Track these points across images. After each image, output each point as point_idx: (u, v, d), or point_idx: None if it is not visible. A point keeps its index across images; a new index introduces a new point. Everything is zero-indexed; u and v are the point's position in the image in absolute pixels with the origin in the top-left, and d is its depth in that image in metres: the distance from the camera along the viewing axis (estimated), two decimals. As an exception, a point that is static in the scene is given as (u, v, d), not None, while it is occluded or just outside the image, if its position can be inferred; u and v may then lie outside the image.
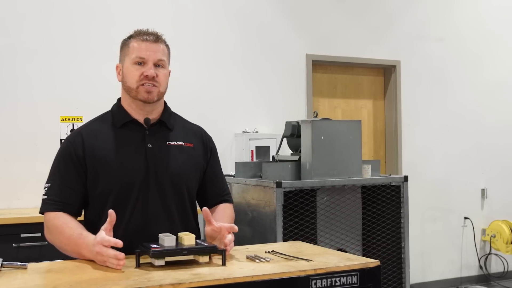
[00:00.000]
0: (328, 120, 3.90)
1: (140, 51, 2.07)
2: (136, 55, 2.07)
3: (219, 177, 2.29)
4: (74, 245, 1.90)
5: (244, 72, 5.03)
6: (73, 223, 1.98)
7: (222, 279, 1.60)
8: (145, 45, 2.07)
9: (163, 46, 2.13)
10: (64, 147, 2.10)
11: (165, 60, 2.12)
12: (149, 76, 2.05)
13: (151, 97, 2.07)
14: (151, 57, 2.07)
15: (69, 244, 1.92)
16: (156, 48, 2.09)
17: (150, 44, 2.08)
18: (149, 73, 2.05)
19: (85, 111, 4.34)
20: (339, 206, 3.78)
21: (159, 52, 2.09)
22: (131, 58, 2.08)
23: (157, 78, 2.07)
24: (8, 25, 4.23)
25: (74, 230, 1.93)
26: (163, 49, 2.12)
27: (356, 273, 1.75)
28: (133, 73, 2.07)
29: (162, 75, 2.09)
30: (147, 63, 2.07)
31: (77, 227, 1.95)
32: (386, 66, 5.73)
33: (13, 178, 4.18)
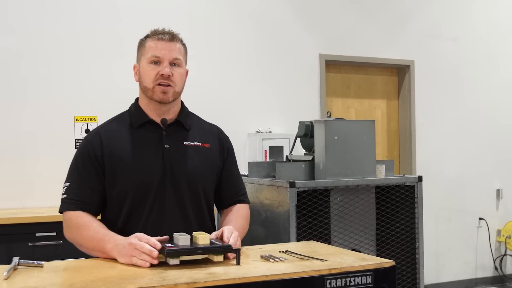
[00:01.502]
0: (341, 120, 3.89)
1: (155, 50, 2.07)
2: (152, 54, 2.07)
3: (236, 177, 2.29)
4: (97, 241, 1.91)
5: (257, 72, 5.03)
6: (96, 222, 2.00)
7: (237, 279, 1.60)
8: (161, 44, 2.08)
9: (179, 45, 2.13)
10: (83, 146, 2.11)
11: (181, 59, 2.12)
12: (164, 75, 2.05)
13: (166, 97, 2.08)
14: (167, 56, 2.07)
15: (92, 241, 1.93)
16: (171, 47, 2.09)
17: (166, 43, 2.08)
18: (165, 72, 2.05)
19: (99, 111, 4.36)
20: (353, 206, 3.77)
21: (174, 51, 2.09)
22: (147, 57, 2.09)
23: (173, 77, 2.07)
24: (20, 25, 4.26)
25: (99, 229, 1.95)
26: (179, 48, 2.12)
27: (370, 273, 1.75)
28: (149, 72, 2.07)
29: (177, 74, 2.09)
30: (163, 62, 2.07)
31: (101, 226, 1.98)
32: (400, 65, 5.70)
33: (28, 178, 4.21)
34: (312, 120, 3.88)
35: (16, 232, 3.64)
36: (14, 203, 4.15)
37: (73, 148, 4.30)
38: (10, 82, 4.21)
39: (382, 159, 5.42)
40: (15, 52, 4.23)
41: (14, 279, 1.61)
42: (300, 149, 4.15)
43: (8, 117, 4.19)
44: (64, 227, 2.06)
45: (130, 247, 1.78)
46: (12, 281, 1.59)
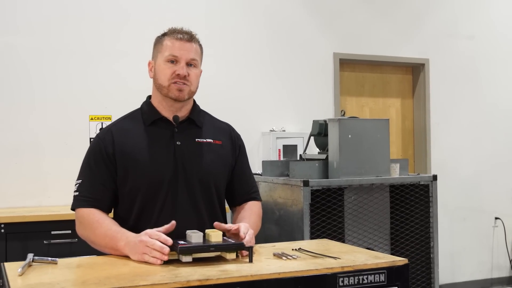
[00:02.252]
0: (355, 119, 3.88)
1: (173, 49, 2.08)
2: (169, 53, 2.08)
3: (247, 175, 2.29)
4: (110, 239, 1.92)
5: (271, 71, 5.03)
6: (108, 220, 2.01)
7: (249, 276, 1.60)
8: (179, 44, 2.09)
9: (196, 45, 2.13)
10: (94, 144, 2.13)
11: (198, 59, 2.13)
12: (180, 75, 2.06)
13: (182, 95, 2.08)
14: (184, 56, 2.08)
15: (105, 239, 1.94)
16: (189, 47, 2.10)
17: (184, 43, 2.09)
18: (181, 72, 2.06)
19: (114, 110, 4.38)
20: (367, 205, 3.76)
21: (192, 52, 2.10)
22: (164, 55, 2.09)
23: (189, 77, 2.08)
24: (37, 25, 4.30)
25: (111, 226, 1.97)
26: (196, 49, 2.13)
27: (383, 271, 1.74)
28: (165, 71, 2.08)
29: (193, 74, 2.10)
30: (180, 62, 2.08)
31: (113, 223, 1.99)
32: (415, 64, 5.67)
33: (43, 177, 4.25)
34: (326, 119, 3.87)
35: (32, 230, 3.68)
36: (30, 201, 4.19)
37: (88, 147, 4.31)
38: (26, 81, 4.25)
39: (397, 158, 5.39)
40: (32, 51, 4.27)
41: (28, 275, 1.63)
42: (314, 148, 4.14)
43: (24, 116, 4.23)
44: (76, 224, 2.07)
45: (141, 245, 1.79)
46: (26, 277, 1.60)
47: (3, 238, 3.62)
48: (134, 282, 1.52)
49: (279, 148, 4.77)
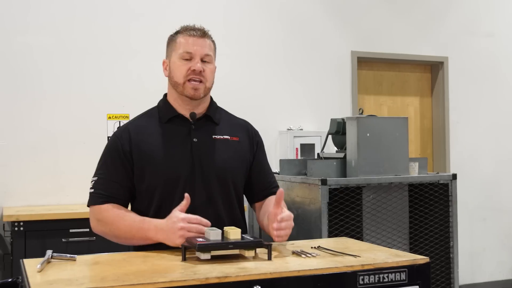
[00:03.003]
0: (374, 117, 3.85)
1: (187, 46, 2.08)
2: (184, 50, 2.08)
3: (266, 170, 2.28)
4: (137, 230, 1.94)
5: (288, 70, 5.01)
6: (129, 212, 2.04)
7: (268, 273, 1.58)
8: (192, 40, 2.09)
9: (209, 41, 2.14)
10: (111, 142, 2.13)
11: (212, 55, 2.13)
12: (196, 71, 2.06)
13: (197, 93, 2.08)
14: (198, 51, 2.08)
15: (131, 230, 1.96)
16: (203, 43, 2.10)
17: (197, 39, 2.09)
18: (196, 68, 2.06)
19: (131, 109, 4.38)
20: (386, 204, 3.72)
21: (206, 47, 2.10)
22: (178, 53, 2.10)
23: (204, 73, 2.08)
24: (56, 25, 4.32)
25: (134, 217, 1.99)
26: (210, 44, 2.13)
27: (404, 270, 1.71)
28: (180, 68, 2.08)
29: (208, 70, 2.10)
30: (194, 58, 2.08)
31: (135, 215, 2.01)
32: (434, 62, 5.62)
33: (62, 175, 4.27)
34: (344, 117, 3.85)
35: (50, 228, 3.70)
36: (49, 199, 4.22)
37: (106, 146, 4.34)
38: (44, 81, 4.28)
39: (415, 157, 5.34)
40: (49, 51, 4.29)
41: (47, 272, 1.63)
42: (332, 146, 4.11)
43: (43, 115, 4.26)
44: (92, 221, 2.07)
45: (181, 232, 1.82)
46: (45, 274, 1.60)
47: (22, 235, 3.65)
48: (153, 279, 1.51)
49: (297, 147, 4.75)
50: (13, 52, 4.21)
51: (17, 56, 4.22)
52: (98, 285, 1.46)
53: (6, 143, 4.17)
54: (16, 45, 4.22)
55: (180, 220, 1.83)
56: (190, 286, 1.50)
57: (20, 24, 4.24)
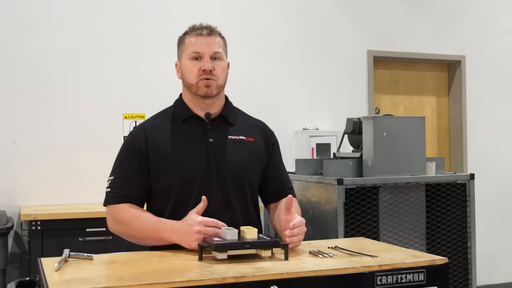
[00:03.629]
0: (390, 117, 3.82)
1: (195, 46, 2.08)
2: (192, 50, 2.08)
3: (281, 171, 2.27)
4: (153, 231, 1.94)
5: (304, 69, 5.00)
6: (145, 213, 2.03)
7: (285, 273, 1.58)
8: (200, 40, 2.08)
9: (218, 38, 2.12)
10: (128, 141, 2.13)
11: (221, 52, 2.11)
12: (206, 70, 2.05)
13: (210, 91, 2.07)
14: (207, 50, 2.07)
15: (147, 231, 1.96)
16: (211, 41, 2.09)
17: (205, 38, 2.09)
18: (206, 67, 2.05)
19: (147, 109, 4.41)
20: (402, 204, 3.70)
21: (214, 45, 2.09)
22: (187, 54, 2.10)
23: (215, 71, 2.07)
24: (72, 25, 4.35)
25: (150, 218, 1.98)
26: (219, 41, 2.12)
27: (423, 270, 1.69)
28: (191, 69, 2.08)
29: (219, 67, 2.09)
30: (204, 57, 2.07)
31: (151, 215, 2.00)
32: (451, 61, 5.57)
33: (78, 175, 4.30)
34: (360, 117, 3.83)
35: (67, 227, 3.73)
36: (65, 199, 4.25)
37: (122, 145, 4.36)
38: (62, 80, 4.30)
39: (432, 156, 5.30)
40: (67, 51, 4.32)
41: (65, 271, 1.63)
42: (348, 146, 4.09)
43: (60, 115, 4.29)
44: (108, 220, 2.08)
45: (198, 235, 1.81)
46: (63, 272, 1.61)
47: (40, 235, 3.67)
48: (169, 279, 1.51)
49: (312, 146, 4.73)
50: (31, 53, 4.24)
51: (36, 56, 4.25)
52: (115, 284, 1.46)
53: (23, 143, 4.20)
54: (35, 46, 4.25)
55: (197, 223, 1.83)
56: (207, 286, 1.50)
57: (39, 25, 4.27)
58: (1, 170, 4.15)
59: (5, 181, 4.15)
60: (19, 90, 4.22)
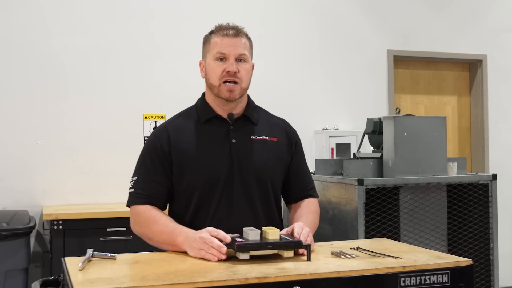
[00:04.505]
0: (411, 116, 3.80)
1: (221, 46, 2.06)
2: (217, 51, 2.06)
3: (304, 171, 2.26)
4: (168, 234, 1.93)
5: (324, 69, 4.98)
6: (165, 216, 2.02)
7: (308, 274, 1.57)
8: (226, 40, 2.06)
9: (244, 39, 2.10)
10: (150, 141, 2.13)
11: (247, 54, 2.09)
12: (230, 72, 2.04)
13: (232, 95, 2.06)
14: (232, 52, 2.05)
15: (162, 234, 1.95)
16: (237, 42, 2.07)
17: (231, 39, 2.06)
18: (231, 69, 2.04)
19: (167, 109, 4.42)
20: (423, 204, 3.66)
21: (240, 47, 2.07)
22: (212, 54, 2.08)
23: (239, 73, 2.05)
24: (93, 26, 4.38)
25: (168, 222, 1.97)
26: (245, 43, 2.10)
27: (447, 272, 1.68)
28: (215, 69, 2.06)
29: (243, 70, 2.07)
30: (229, 59, 2.05)
31: (170, 220, 1.99)
32: (472, 60, 5.51)
33: (99, 174, 4.33)
34: (380, 117, 3.81)
35: (88, 226, 3.75)
36: (86, 198, 4.28)
37: (142, 146, 4.37)
38: (82, 81, 4.34)
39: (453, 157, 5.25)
40: (86, 52, 4.35)
41: (88, 270, 1.64)
42: (368, 146, 4.07)
43: (80, 115, 4.32)
44: (131, 221, 2.08)
45: (200, 241, 1.79)
46: (86, 272, 1.62)
47: (61, 234, 3.70)
48: (192, 279, 1.51)
49: (332, 146, 4.72)
50: (51, 54, 4.28)
51: (55, 57, 4.28)
52: (138, 284, 1.47)
53: (45, 143, 4.24)
54: (54, 47, 4.29)
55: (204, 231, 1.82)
56: (230, 286, 1.50)
57: (57, 26, 4.31)
58: (24, 170, 4.19)
59: (27, 181, 4.19)
60: (41, 92, 4.25)
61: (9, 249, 3.50)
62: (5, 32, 4.19)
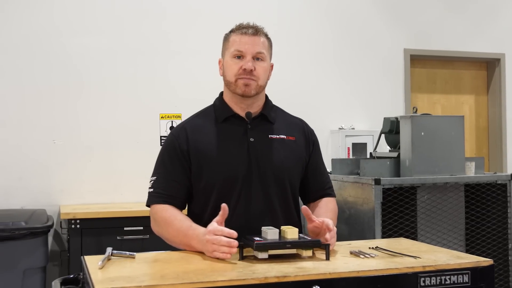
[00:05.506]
0: (428, 116, 3.78)
1: (239, 44, 2.07)
2: (235, 49, 2.07)
3: (322, 171, 2.26)
4: (183, 236, 1.92)
5: (339, 69, 4.97)
6: (181, 216, 2.01)
7: (328, 274, 1.57)
8: (245, 39, 2.07)
9: (263, 38, 2.11)
10: (169, 141, 2.14)
11: (265, 53, 2.10)
12: (246, 70, 2.04)
13: (248, 90, 2.06)
14: (249, 50, 2.06)
15: (178, 236, 1.95)
16: (255, 41, 2.07)
17: (249, 37, 2.07)
18: (247, 66, 2.04)
19: (183, 109, 4.43)
20: (441, 204, 3.64)
21: (258, 45, 2.08)
22: (230, 51, 2.09)
23: (255, 71, 2.06)
24: (109, 26, 4.41)
25: (183, 223, 1.96)
26: (263, 42, 2.10)
27: (467, 272, 1.67)
28: (232, 66, 2.07)
29: (260, 68, 2.08)
30: (246, 56, 2.06)
31: (185, 220, 1.98)
32: (489, 59, 5.47)
33: (116, 174, 4.35)
34: (397, 116, 3.79)
35: (106, 225, 3.77)
36: (103, 198, 4.30)
37: (159, 145, 4.40)
38: (99, 81, 4.36)
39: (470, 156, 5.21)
40: (103, 52, 4.38)
41: (108, 269, 1.65)
42: (384, 145, 4.05)
43: (97, 115, 4.35)
44: (151, 221, 2.09)
45: (208, 244, 1.79)
46: (106, 270, 1.63)
47: (79, 233, 3.73)
48: (212, 278, 1.52)
49: (348, 146, 4.70)
50: (69, 54, 4.31)
51: (73, 57, 4.31)
52: (158, 282, 1.48)
53: (62, 143, 4.27)
54: (72, 47, 4.31)
55: (207, 233, 1.80)
56: (249, 285, 1.50)
57: (76, 26, 4.33)
58: (42, 170, 4.22)
59: (45, 181, 4.22)
60: (59, 92, 4.28)
61: (28, 248, 3.53)
62: (25, 32, 4.23)
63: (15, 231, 3.48)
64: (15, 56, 4.21)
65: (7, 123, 4.18)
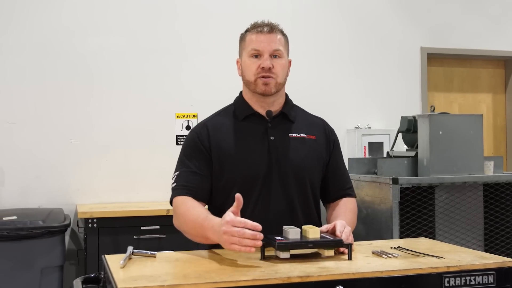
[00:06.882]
0: (446, 115, 3.75)
1: (255, 43, 2.07)
2: (252, 48, 2.07)
3: (342, 170, 2.24)
4: (199, 228, 1.88)
5: (355, 67, 4.94)
6: (200, 208, 1.98)
7: (351, 273, 1.55)
8: (261, 37, 2.06)
9: (279, 36, 2.10)
10: (191, 138, 2.13)
11: (282, 49, 2.09)
12: (265, 68, 2.04)
13: (268, 89, 2.06)
14: (266, 48, 2.05)
15: (195, 227, 1.91)
16: (271, 38, 2.07)
17: (265, 35, 2.07)
18: (265, 65, 2.03)
19: (199, 108, 4.44)
20: (459, 204, 3.62)
21: (274, 43, 2.07)
22: (247, 51, 2.09)
23: (274, 69, 2.05)
24: (125, 25, 4.41)
25: (200, 214, 1.92)
26: (280, 39, 2.10)
27: (492, 272, 1.64)
28: (250, 66, 2.07)
29: (278, 65, 2.07)
30: (263, 55, 2.05)
31: (203, 211, 1.94)
32: (507, 57, 5.41)
33: (132, 173, 4.35)
34: (415, 115, 3.76)
35: (123, 225, 3.77)
36: (119, 197, 4.31)
37: (175, 145, 4.40)
38: (114, 80, 4.37)
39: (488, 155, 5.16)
40: (117, 51, 4.38)
41: (130, 268, 1.65)
42: (401, 145, 4.03)
43: (113, 114, 4.35)
44: (173, 216, 2.06)
45: (226, 236, 1.69)
46: (128, 270, 1.63)
47: (96, 232, 3.74)
48: (234, 277, 1.51)
49: (365, 145, 4.68)
50: (84, 53, 4.32)
51: (89, 56, 4.32)
52: (181, 282, 1.47)
53: (79, 142, 4.29)
54: (88, 46, 4.32)
55: (224, 224, 1.71)
56: (272, 285, 1.49)
57: (92, 26, 4.34)
58: (58, 169, 4.24)
59: (62, 180, 4.23)
60: (75, 91, 4.30)
61: (45, 247, 3.54)
62: (43, 32, 4.24)
63: (33, 230, 3.50)
64: (33, 57, 4.23)
65: (25, 123, 4.20)
